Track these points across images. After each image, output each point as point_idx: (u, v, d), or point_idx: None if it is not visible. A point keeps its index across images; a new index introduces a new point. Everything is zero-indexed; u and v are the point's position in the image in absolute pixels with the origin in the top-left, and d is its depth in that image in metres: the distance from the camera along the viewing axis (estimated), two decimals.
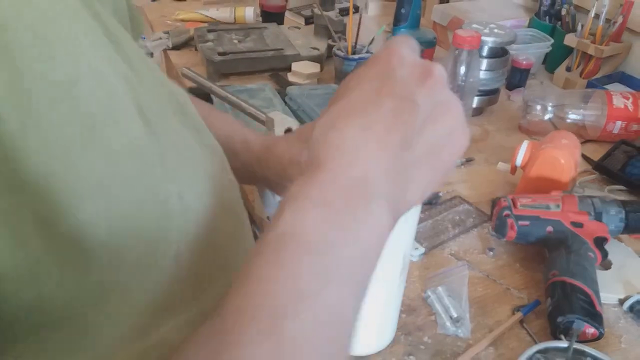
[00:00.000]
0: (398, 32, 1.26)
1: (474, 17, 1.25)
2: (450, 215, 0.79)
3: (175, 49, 1.26)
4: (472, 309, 0.64)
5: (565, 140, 0.79)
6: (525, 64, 1.13)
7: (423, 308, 0.64)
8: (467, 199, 0.83)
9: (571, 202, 0.69)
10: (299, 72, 1.10)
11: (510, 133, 1.02)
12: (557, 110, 0.98)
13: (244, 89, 1.04)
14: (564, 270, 0.63)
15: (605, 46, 1.11)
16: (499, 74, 1.03)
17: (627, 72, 1.15)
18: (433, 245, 0.73)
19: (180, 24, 1.38)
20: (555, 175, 0.76)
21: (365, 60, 1.10)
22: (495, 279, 0.69)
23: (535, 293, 0.67)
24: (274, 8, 1.34)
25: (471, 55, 0.87)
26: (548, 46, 1.21)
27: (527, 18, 1.31)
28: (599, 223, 0.68)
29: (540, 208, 0.69)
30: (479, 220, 0.78)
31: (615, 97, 0.96)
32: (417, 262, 0.71)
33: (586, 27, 1.14)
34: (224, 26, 1.28)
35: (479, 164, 0.92)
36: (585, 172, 0.91)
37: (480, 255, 0.73)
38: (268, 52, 1.16)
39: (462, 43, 0.86)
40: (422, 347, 0.59)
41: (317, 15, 1.22)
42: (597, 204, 0.69)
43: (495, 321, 0.63)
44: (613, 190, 0.86)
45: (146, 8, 1.49)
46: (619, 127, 0.95)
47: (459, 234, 0.76)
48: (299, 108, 0.97)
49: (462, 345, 0.60)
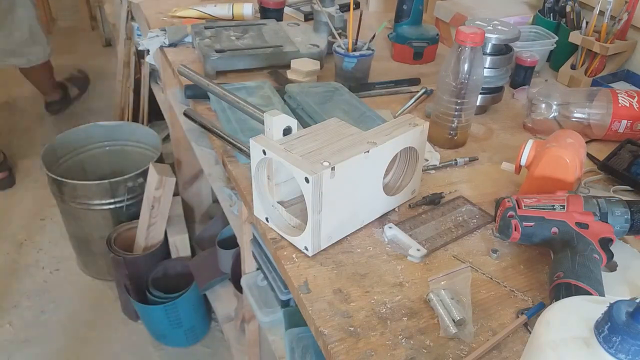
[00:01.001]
0: (400, 28, 1.25)
1: (477, 14, 1.23)
2: (453, 216, 0.78)
3: (172, 46, 1.24)
4: (476, 312, 0.63)
5: (570, 140, 0.77)
6: (529, 62, 1.12)
7: (425, 311, 0.63)
8: (470, 200, 0.81)
9: (576, 202, 0.68)
10: (299, 70, 1.08)
11: (515, 132, 1.01)
12: (562, 109, 0.96)
13: (242, 87, 1.03)
14: (569, 272, 0.62)
15: (610, 44, 1.09)
16: (503, 71, 1.02)
17: (632, 70, 1.14)
18: (435, 247, 0.72)
19: (177, 20, 1.36)
20: (560, 175, 0.75)
21: (366, 57, 1.09)
22: (499, 281, 0.67)
23: (539, 295, 0.66)
24: (272, 4, 1.32)
25: (474, 53, 0.85)
26: (552, 43, 1.19)
27: (531, 15, 1.29)
28: (605, 224, 0.67)
29: (545, 209, 0.68)
30: (482, 222, 0.77)
31: (621, 95, 0.95)
32: (419, 263, 0.70)
33: (591, 24, 1.13)
34: (222, 23, 1.26)
35: (482, 163, 0.91)
36: (591, 171, 0.89)
37: (483, 257, 0.71)
38: (267, 49, 1.14)
39: (465, 40, 0.84)
40: (424, 351, 0.58)
41: (317, 11, 1.20)
42: (603, 205, 0.68)
43: (499, 324, 0.62)
44: (618, 191, 0.85)
45: (143, 5, 1.48)
46: (625, 126, 0.94)
47: (462, 236, 0.74)
48: (299, 106, 0.96)
49: (465, 349, 0.59)
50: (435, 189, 0.83)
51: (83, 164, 1.95)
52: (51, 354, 1.64)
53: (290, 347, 0.95)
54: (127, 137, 1.97)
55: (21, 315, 1.76)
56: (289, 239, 0.71)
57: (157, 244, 1.66)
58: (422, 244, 0.72)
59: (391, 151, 0.72)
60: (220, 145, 0.90)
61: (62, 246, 2.00)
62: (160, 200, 1.60)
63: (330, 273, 0.67)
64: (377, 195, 0.74)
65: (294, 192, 0.75)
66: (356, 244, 0.72)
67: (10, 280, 1.87)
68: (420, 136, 0.75)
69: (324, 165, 0.64)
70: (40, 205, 2.19)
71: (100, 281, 1.89)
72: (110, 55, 3.28)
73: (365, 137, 0.71)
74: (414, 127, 0.74)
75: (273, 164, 0.71)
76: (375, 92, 1.10)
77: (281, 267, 0.70)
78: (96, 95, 2.94)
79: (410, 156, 0.78)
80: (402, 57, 1.25)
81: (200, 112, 1.01)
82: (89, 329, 1.72)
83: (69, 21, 3.77)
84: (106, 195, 1.68)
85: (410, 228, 0.75)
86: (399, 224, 0.75)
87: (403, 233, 0.73)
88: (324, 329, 0.60)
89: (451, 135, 0.92)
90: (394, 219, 0.77)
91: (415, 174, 0.78)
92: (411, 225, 0.76)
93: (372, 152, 0.68)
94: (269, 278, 1.00)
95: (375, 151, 0.69)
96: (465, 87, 0.87)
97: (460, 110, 0.89)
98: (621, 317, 0.36)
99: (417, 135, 0.75)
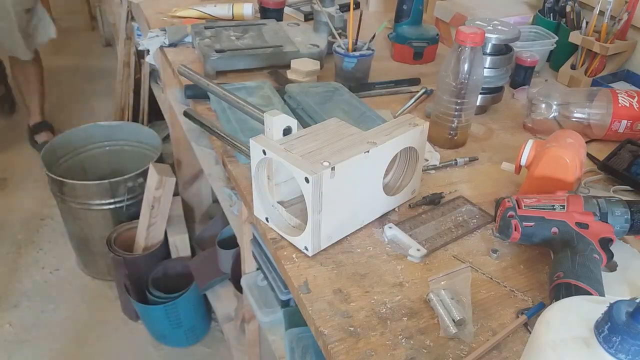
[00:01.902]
0: (400, 28, 1.25)
1: (477, 14, 1.23)
2: (453, 216, 0.78)
3: (172, 46, 1.24)
4: (476, 312, 0.63)
5: (570, 140, 0.77)
6: (529, 62, 1.12)
7: (425, 311, 0.63)
8: (470, 199, 0.81)
9: (576, 202, 0.68)
10: (299, 70, 1.08)
11: (515, 132, 1.01)
12: (562, 109, 0.96)
13: (242, 87, 1.03)
14: (569, 272, 0.62)
15: (610, 44, 1.09)
16: (503, 71, 1.02)
17: (632, 70, 1.14)
18: (435, 247, 0.72)
19: (177, 20, 1.36)
20: (560, 175, 0.75)
21: (366, 57, 1.09)
22: (499, 281, 0.67)
23: (539, 295, 0.66)
24: (273, 4, 1.32)
25: (474, 53, 0.85)
26: (552, 43, 1.19)
27: (531, 15, 1.29)
28: (605, 224, 0.67)
29: (545, 209, 0.68)
30: (482, 222, 0.77)
31: (621, 95, 0.95)
32: (419, 263, 0.70)
33: (591, 24, 1.12)
34: (222, 23, 1.26)
35: (482, 163, 0.91)
36: (591, 171, 0.89)
37: (483, 257, 0.71)
38: (267, 49, 1.14)
39: (465, 40, 0.84)
40: (424, 351, 0.58)
41: (317, 11, 1.20)
42: (603, 205, 0.68)
43: (499, 324, 0.62)
44: (618, 191, 0.85)
45: (143, 5, 1.48)
46: (625, 126, 0.94)
47: (462, 236, 0.74)
48: (299, 106, 0.96)
49: (465, 349, 0.59)
50: (435, 189, 0.83)
51: (83, 164, 1.95)
52: (51, 354, 1.64)
53: (290, 347, 0.95)
54: (127, 137, 1.97)
55: (21, 315, 1.76)
56: (289, 239, 0.71)
57: (157, 244, 1.66)
58: (422, 244, 0.71)
59: (391, 151, 0.72)
60: (220, 145, 0.90)
61: (62, 246, 2.00)
62: (160, 200, 1.60)
63: (330, 273, 0.67)
64: (377, 195, 0.74)
65: (294, 192, 0.75)
66: (356, 244, 0.72)
67: (10, 281, 1.87)
68: (420, 136, 0.75)
69: (324, 165, 0.64)
70: (40, 205, 2.19)
71: (100, 281, 1.89)
72: (110, 55, 3.28)
73: (366, 137, 0.71)
74: (414, 127, 0.74)
75: (273, 164, 0.71)
76: (375, 92, 1.10)
77: (281, 267, 0.70)
78: (96, 95, 2.94)
79: (410, 156, 0.78)
80: (402, 57, 1.25)
81: (200, 112, 1.00)
82: (89, 329, 1.72)
83: (68, 21, 3.77)
84: (106, 195, 1.68)
85: (410, 228, 0.75)
86: (399, 224, 0.75)
87: (403, 233, 0.73)
88: (324, 329, 0.60)
89: (451, 135, 0.92)
90: (394, 219, 0.77)
91: (415, 174, 0.78)
92: (411, 225, 0.76)
93: (372, 152, 0.68)
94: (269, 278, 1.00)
95: (375, 151, 0.69)
96: (465, 87, 0.87)
97: (460, 110, 0.89)
98: (621, 317, 0.36)
99: (417, 135, 0.75)
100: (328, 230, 0.69)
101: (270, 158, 0.68)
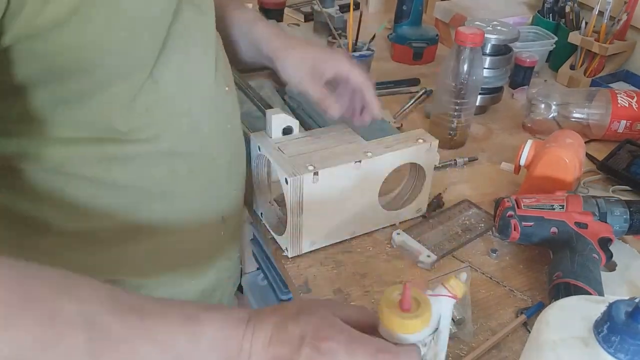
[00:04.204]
0: (399, 29, 1.25)
1: (477, 14, 1.23)
2: (459, 220, 0.77)
3: None
4: (475, 312, 0.63)
5: (569, 140, 0.77)
6: (528, 62, 1.12)
7: None
8: (470, 200, 0.81)
9: (575, 202, 0.68)
10: None
11: (514, 132, 1.01)
12: (561, 109, 0.97)
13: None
14: (568, 272, 0.62)
15: (609, 44, 1.09)
16: (502, 72, 1.02)
17: (631, 71, 1.14)
18: (444, 253, 0.71)
19: None
20: (559, 175, 0.75)
21: (366, 58, 1.09)
22: (499, 281, 0.68)
23: (539, 295, 0.66)
24: (273, 4, 1.32)
25: (474, 53, 0.86)
26: (552, 44, 1.19)
27: (531, 15, 1.29)
28: (604, 224, 0.67)
29: (545, 208, 0.68)
30: (489, 225, 0.75)
31: (620, 95, 0.95)
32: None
33: (590, 24, 1.13)
34: None
35: (481, 164, 0.91)
36: (590, 171, 0.89)
37: (483, 256, 0.72)
38: None
39: (465, 40, 0.84)
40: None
41: (317, 12, 1.21)
42: (602, 205, 0.68)
43: (499, 323, 0.62)
44: (617, 190, 0.85)
45: None
46: (624, 126, 0.94)
47: (470, 240, 0.73)
48: (299, 106, 0.96)
49: (464, 348, 0.59)
50: (434, 189, 0.83)
51: None
52: None
53: None
54: None
55: None
56: (275, 237, 0.71)
57: None
58: (432, 250, 0.70)
59: (390, 165, 0.69)
60: None
61: None
62: None
63: (330, 273, 0.68)
64: (373, 209, 0.71)
65: None
66: (356, 243, 0.72)
67: None
68: (427, 154, 0.71)
69: (308, 169, 0.63)
70: None
71: None
72: None
73: (364, 147, 0.68)
74: (421, 143, 0.70)
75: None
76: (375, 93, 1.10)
77: (281, 267, 0.70)
78: None
79: (418, 174, 0.75)
80: (402, 57, 1.25)
81: None
82: None
83: None
84: None
85: (418, 234, 0.73)
86: (407, 230, 0.74)
87: (412, 239, 0.72)
88: None
89: (451, 136, 0.93)
90: (400, 224, 0.76)
91: (421, 193, 0.75)
92: (419, 230, 0.74)
93: (364, 163, 0.66)
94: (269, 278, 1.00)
95: (368, 162, 0.66)
96: (464, 88, 0.87)
97: (459, 111, 0.89)
98: (620, 317, 0.36)
99: (422, 152, 0.70)
100: (311, 235, 0.68)
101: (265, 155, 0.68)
